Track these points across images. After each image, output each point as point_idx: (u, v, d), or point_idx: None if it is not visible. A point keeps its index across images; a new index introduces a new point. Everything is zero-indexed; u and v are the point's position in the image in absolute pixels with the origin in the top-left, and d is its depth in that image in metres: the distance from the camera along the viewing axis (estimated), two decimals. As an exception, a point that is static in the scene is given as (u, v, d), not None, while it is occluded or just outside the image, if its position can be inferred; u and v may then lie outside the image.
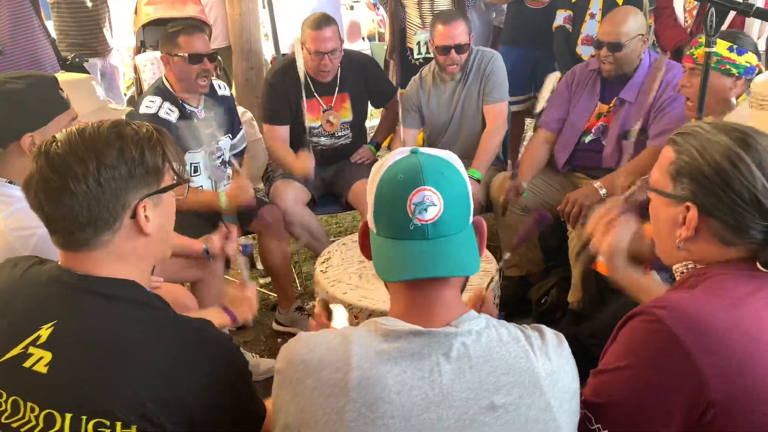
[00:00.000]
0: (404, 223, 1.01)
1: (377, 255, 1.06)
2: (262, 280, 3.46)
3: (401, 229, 1.01)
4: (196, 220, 2.61)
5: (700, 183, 1.14)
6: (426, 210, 1.00)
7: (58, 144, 1.11)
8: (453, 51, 3.00)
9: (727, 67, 2.23)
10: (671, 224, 1.20)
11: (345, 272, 2.20)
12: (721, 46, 2.22)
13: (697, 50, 2.28)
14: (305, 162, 2.92)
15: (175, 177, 1.21)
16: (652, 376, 1.05)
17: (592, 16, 3.50)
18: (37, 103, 1.66)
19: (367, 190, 1.08)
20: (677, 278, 1.23)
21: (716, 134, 1.15)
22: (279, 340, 2.97)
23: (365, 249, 1.12)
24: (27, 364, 1.05)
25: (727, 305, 1.08)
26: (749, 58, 2.24)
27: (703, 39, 2.26)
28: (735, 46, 2.22)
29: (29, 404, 1.04)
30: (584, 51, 3.52)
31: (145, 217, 1.15)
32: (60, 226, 1.12)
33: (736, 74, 2.24)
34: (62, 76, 2.17)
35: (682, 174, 1.17)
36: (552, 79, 2.77)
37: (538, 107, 2.85)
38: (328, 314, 1.44)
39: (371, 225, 1.08)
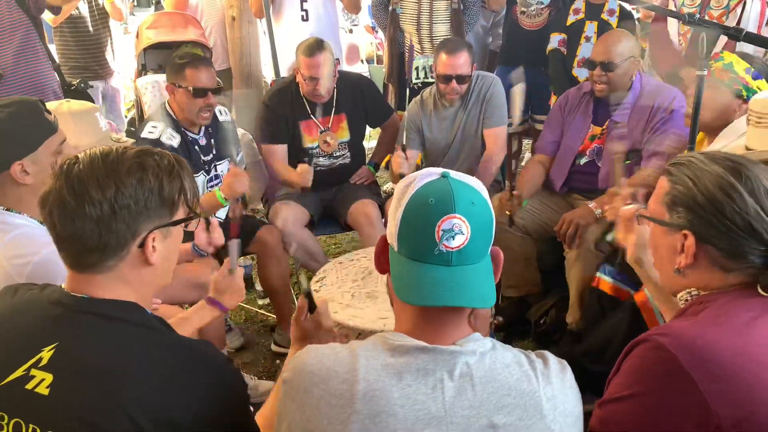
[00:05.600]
0: (429, 247, 1.01)
1: (397, 274, 1.06)
2: (260, 301, 3.46)
3: (425, 252, 1.02)
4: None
5: (695, 212, 1.17)
6: (453, 238, 1.00)
7: (81, 165, 1.12)
8: (454, 81, 3.04)
9: (740, 87, 2.21)
10: (670, 252, 1.23)
11: (338, 291, 2.21)
12: (739, 66, 2.22)
13: (716, 63, 2.25)
14: (305, 174, 2.94)
15: (188, 211, 1.22)
16: (659, 404, 1.06)
17: (588, 39, 3.55)
18: (23, 130, 1.62)
19: (392, 207, 1.08)
20: (681, 306, 1.24)
21: (709, 164, 1.18)
22: (277, 361, 2.96)
23: (381, 264, 1.13)
24: (29, 386, 1.05)
25: (731, 332, 1.09)
26: (761, 85, 2.23)
27: (725, 54, 2.26)
28: (752, 69, 2.22)
29: (31, 426, 1.04)
30: (580, 73, 3.57)
31: (153, 247, 1.15)
32: (68, 246, 1.13)
33: (745, 97, 2.21)
34: (66, 106, 2.18)
35: (678, 203, 1.20)
36: (518, 91, 2.83)
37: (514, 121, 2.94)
38: (310, 305, 1.43)
39: (392, 242, 1.08)
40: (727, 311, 1.13)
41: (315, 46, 2.95)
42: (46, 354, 1.07)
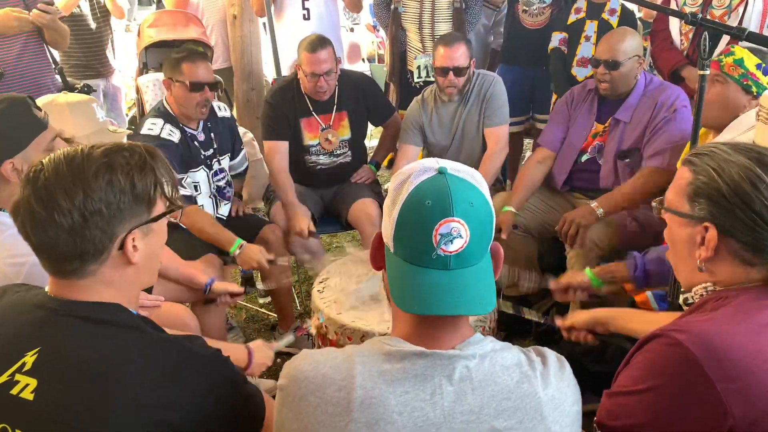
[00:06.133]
0: (427, 251, 0.98)
1: (393, 278, 1.03)
2: (261, 300, 3.46)
3: (422, 256, 0.98)
4: (198, 240, 2.63)
5: (718, 203, 1.13)
6: (452, 242, 0.97)
7: (45, 174, 1.08)
8: (451, 73, 3.04)
9: (750, 83, 2.19)
10: (689, 245, 1.19)
11: (342, 293, 2.21)
12: (750, 61, 2.20)
13: (726, 58, 2.23)
14: (302, 220, 2.91)
15: (168, 203, 1.18)
16: (673, 400, 1.04)
17: (587, 38, 3.55)
18: (12, 129, 1.60)
19: (386, 204, 1.05)
20: (696, 300, 1.21)
21: (733, 154, 1.14)
22: (278, 360, 2.95)
23: (376, 261, 1.10)
24: (14, 391, 1.04)
25: (750, 331, 1.07)
26: None
27: (736, 48, 2.23)
28: (763, 65, 2.19)
29: (17, 431, 1.03)
30: (579, 72, 3.57)
31: (134, 247, 1.12)
32: (46, 255, 1.11)
33: (755, 93, 2.19)
34: (63, 97, 2.17)
35: (700, 194, 1.16)
36: None
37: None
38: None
39: (388, 242, 1.04)
40: (747, 309, 1.10)
41: (318, 43, 2.96)
42: (29, 359, 1.06)
